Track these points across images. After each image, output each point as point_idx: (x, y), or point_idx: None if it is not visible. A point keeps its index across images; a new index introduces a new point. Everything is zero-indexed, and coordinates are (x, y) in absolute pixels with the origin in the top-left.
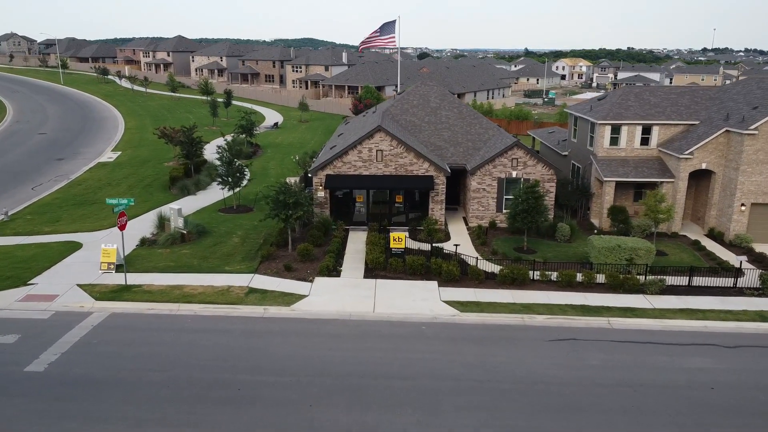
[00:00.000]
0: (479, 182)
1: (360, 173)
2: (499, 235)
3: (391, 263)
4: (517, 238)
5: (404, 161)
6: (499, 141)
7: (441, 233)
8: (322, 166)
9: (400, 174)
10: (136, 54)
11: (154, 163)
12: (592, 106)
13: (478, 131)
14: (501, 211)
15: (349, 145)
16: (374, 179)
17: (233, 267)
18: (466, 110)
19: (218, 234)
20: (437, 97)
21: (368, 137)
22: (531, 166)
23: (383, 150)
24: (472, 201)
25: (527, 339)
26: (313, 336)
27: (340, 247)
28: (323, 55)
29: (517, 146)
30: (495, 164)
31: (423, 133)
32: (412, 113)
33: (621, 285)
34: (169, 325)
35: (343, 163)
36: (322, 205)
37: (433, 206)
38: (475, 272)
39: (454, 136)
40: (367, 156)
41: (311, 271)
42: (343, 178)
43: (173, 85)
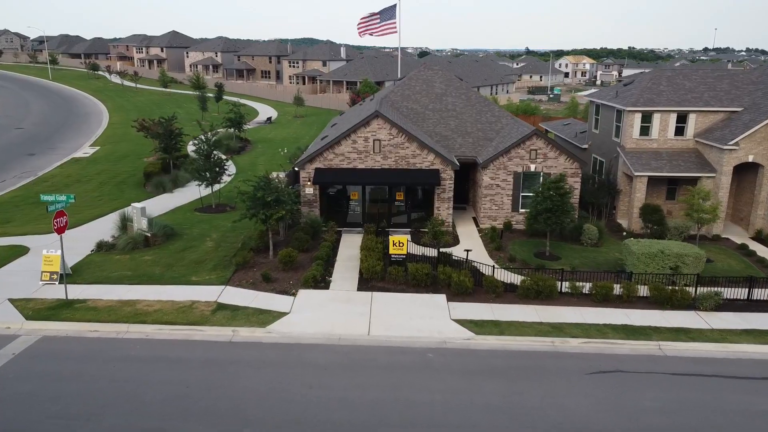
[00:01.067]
0: (492, 177)
1: (354, 167)
2: (515, 238)
3: (390, 272)
4: (536, 241)
5: (406, 153)
6: (515, 130)
7: (448, 236)
8: (311, 158)
9: (401, 168)
10: (129, 50)
11: (133, 159)
12: (618, 92)
13: (489, 120)
14: (517, 211)
15: (342, 133)
16: (371, 173)
17: (201, 277)
18: (475, 97)
19: (190, 237)
20: (442, 83)
21: (364, 125)
22: (552, 159)
23: (381, 139)
24: (484, 199)
25: (562, 371)
26: (292, 367)
27: (330, 252)
28: (321, 50)
29: (536, 135)
30: (510, 156)
31: (427, 122)
32: (414, 100)
33: (668, 299)
34: (112, 352)
35: (335, 155)
36: (311, 204)
37: (439, 205)
38: (492, 284)
39: (462, 125)
40: (362, 146)
41: (294, 282)
42: (335, 172)
43: (164, 80)
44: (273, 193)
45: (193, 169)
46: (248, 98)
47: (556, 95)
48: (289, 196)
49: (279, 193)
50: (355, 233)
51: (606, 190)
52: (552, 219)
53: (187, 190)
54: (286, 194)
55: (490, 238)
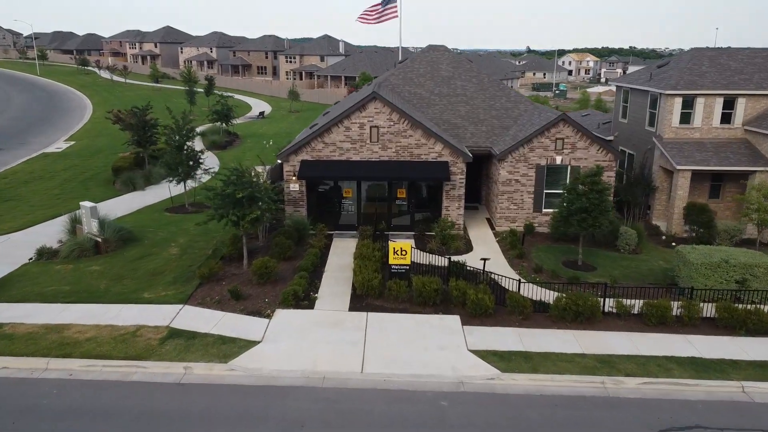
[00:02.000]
0: (511, 171)
1: (348, 158)
2: (538, 243)
3: (390, 288)
4: (564, 247)
5: (409, 142)
6: (536, 117)
7: (460, 241)
8: (296, 148)
9: (402, 159)
10: (123, 46)
11: (108, 154)
12: (652, 75)
13: (504, 105)
14: (540, 211)
15: (333, 119)
16: (368, 166)
17: (156, 293)
18: (487, 80)
19: (152, 242)
20: (450, 65)
21: (359, 109)
22: (582, 150)
23: (380, 126)
24: (501, 197)
25: (621, 427)
26: (258, 424)
27: (317, 261)
28: (319, 44)
29: (564, 122)
30: (533, 146)
31: (433, 109)
32: (417, 83)
33: (742, 323)
34: (17, 400)
35: (325, 144)
36: (296, 203)
37: (449, 203)
38: (518, 302)
39: (474, 112)
40: (357, 134)
41: (271, 300)
42: (325, 165)
43: (156, 75)
44: (245, 189)
45: (163, 163)
46: (242, 93)
47: (562, 91)
48: (267, 192)
49: (253, 189)
50: (349, 237)
51: (641, 187)
52: (588, 221)
53: (161, 188)
54: (263, 190)
55: (509, 244)
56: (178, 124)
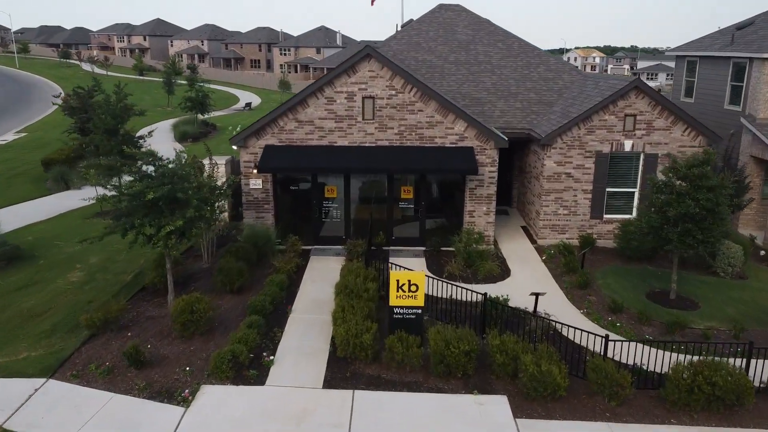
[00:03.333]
0: (560, 162)
1: (331, 143)
2: (601, 262)
3: (392, 347)
4: (637, 269)
5: (418, 119)
6: (590, 87)
7: (492, 261)
8: (257, 129)
9: (408, 144)
10: (111, 40)
11: (57, 146)
12: (733, 37)
13: (543, 75)
14: (600, 217)
15: (310, 86)
16: (359, 154)
17: (14, 353)
18: (518, 44)
19: (51, 262)
20: (468, 27)
21: (346, 72)
22: (661, 131)
23: (376, 96)
24: (546, 198)
25: None
26: None
27: (281, 296)
28: (315, 36)
29: (637, 90)
30: (592, 126)
31: (447, 80)
32: (427, 49)
33: None
34: None
35: (299, 122)
36: (260, 206)
37: (474, 207)
38: (608, 378)
39: (503, 84)
40: (345, 109)
41: (197, 367)
42: (299, 152)
43: (140, 67)
44: (161, 187)
45: (89, 153)
46: (232, 86)
47: None
48: (202, 192)
49: (175, 187)
50: (332, 255)
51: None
52: (695, 234)
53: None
54: (196, 188)
55: (564, 266)
56: (109, 101)
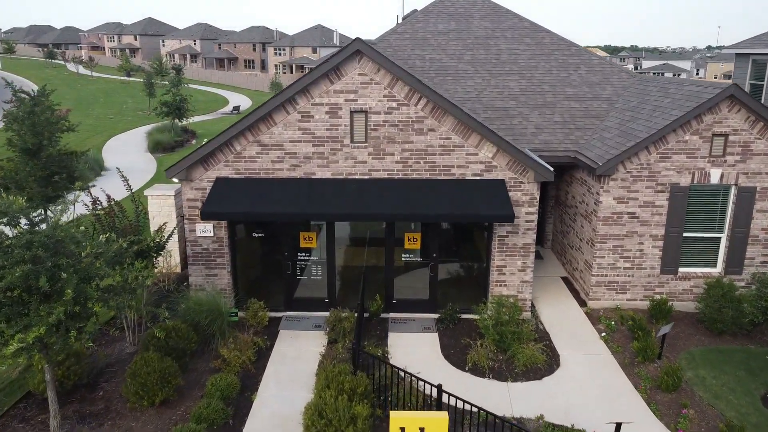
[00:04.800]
0: (621, 198)
1: (307, 174)
2: (682, 338)
3: None
4: (735, 350)
5: (429, 142)
6: (654, 94)
7: (532, 343)
8: (204, 157)
9: (415, 177)
10: (102, 39)
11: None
12: None
13: (585, 78)
14: (675, 272)
15: (277, 97)
16: (346, 191)
17: None
18: (549, 39)
19: None
20: (485, 17)
21: (328, 76)
22: (763, 155)
23: (370, 110)
24: (601, 246)
25: None
26: None
27: (228, 413)
28: (311, 35)
29: (732, 100)
30: (664, 151)
31: (463, 84)
32: (435, 45)
33: None
34: None
35: (261, 146)
36: (210, 259)
37: (504, 261)
38: None
39: (536, 90)
40: (325, 127)
41: None
42: (261, 188)
43: (126, 68)
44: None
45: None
46: (223, 88)
47: None
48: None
49: (40, 265)
50: (309, 328)
51: None
52: None
53: None
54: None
55: (639, 350)
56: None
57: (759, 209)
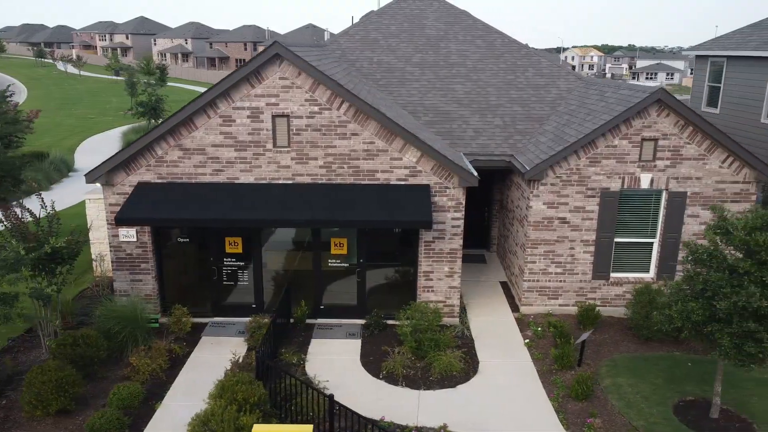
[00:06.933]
0: (552, 203)
1: (230, 179)
2: (609, 344)
3: None
4: (661, 358)
5: (352, 146)
6: (594, 98)
7: (452, 350)
8: (126, 161)
9: (339, 182)
10: (93, 38)
11: None
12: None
13: (532, 81)
14: (606, 277)
15: (197, 101)
16: (268, 196)
17: None
18: (501, 41)
19: None
20: (440, 19)
21: (248, 80)
22: (693, 160)
23: (293, 114)
24: (532, 251)
25: None
26: None
27: (125, 422)
28: (302, 35)
29: (660, 105)
30: (596, 155)
31: (408, 87)
32: (385, 47)
33: None
34: None
35: (183, 151)
36: (135, 265)
37: (431, 267)
38: None
39: (480, 93)
40: (247, 132)
41: None
42: (182, 193)
43: (115, 67)
44: None
45: None
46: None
47: None
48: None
49: None
50: (233, 335)
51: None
52: (764, 340)
53: None
54: None
55: (558, 358)
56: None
57: (690, 214)
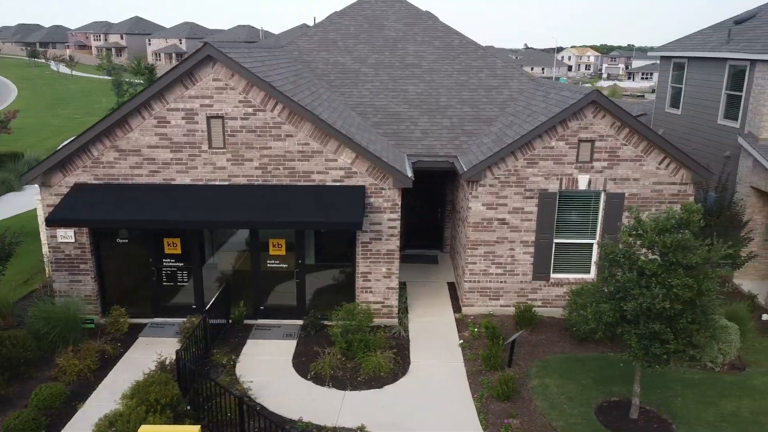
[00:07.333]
0: (490, 204)
1: (167, 180)
2: (545, 345)
3: None
4: (595, 358)
5: (287, 148)
6: (539, 100)
7: (384, 351)
8: (62, 162)
9: (275, 183)
10: (89, 38)
11: None
12: (730, 33)
13: (485, 83)
14: (546, 278)
15: (132, 101)
16: (205, 198)
17: None
18: (459, 42)
19: None
20: (400, 20)
21: (182, 81)
22: (630, 162)
23: (228, 115)
24: (473, 251)
25: None
26: None
27: (43, 423)
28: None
29: (596, 106)
30: (531, 157)
31: (361, 88)
32: (343, 48)
33: None
34: None
35: (119, 152)
36: (74, 266)
37: (369, 268)
38: None
39: (432, 94)
40: (182, 133)
41: None
42: (118, 194)
43: (106, 66)
44: None
45: None
46: None
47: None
48: None
49: None
50: (170, 335)
51: (726, 224)
52: (669, 341)
53: None
54: None
55: (485, 358)
56: None
57: (628, 215)
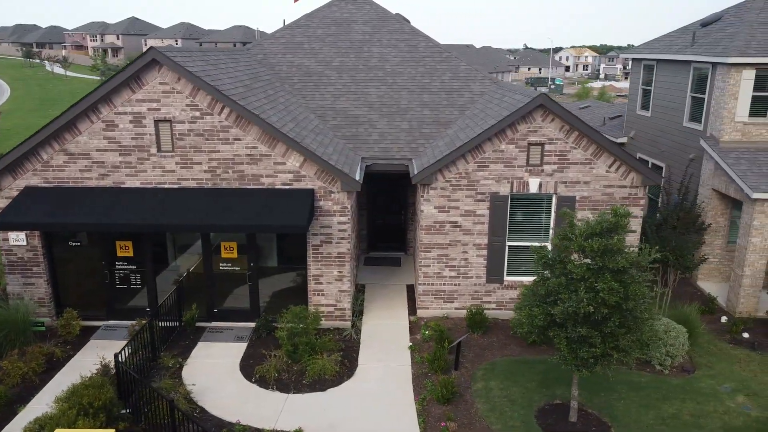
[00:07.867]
0: (442, 207)
1: (116, 183)
2: (494, 348)
3: None
4: (542, 361)
5: (235, 151)
6: (495, 104)
7: (330, 354)
8: (11, 165)
9: (224, 186)
10: (85, 38)
11: None
12: (695, 35)
13: (447, 85)
14: (500, 281)
15: (78, 105)
16: (153, 202)
17: None
18: (425, 44)
19: None
20: (368, 23)
21: (129, 85)
22: (580, 165)
23: (175, 118)
24: (426, 254)
25: None
26: None
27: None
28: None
29: (542, 110)
30: (482, 161)
31: (323, 90)
32: (308, 51)
33: None
34: None
35: (68, 156)
36: (27, 269)
37: (320, 271)
38: None
39: (393, 96)
40: (131, 136)
41: None
42: (68, 198)
43: (99, 67)
44: None
45: None
46: None
47: (558, 86)
48: None
49: None
50: (121, 341)
51: (686, 226)
52: (596, 345)
53: None
54: None
55: (430, 360)
56: None
57: (580, 218)
